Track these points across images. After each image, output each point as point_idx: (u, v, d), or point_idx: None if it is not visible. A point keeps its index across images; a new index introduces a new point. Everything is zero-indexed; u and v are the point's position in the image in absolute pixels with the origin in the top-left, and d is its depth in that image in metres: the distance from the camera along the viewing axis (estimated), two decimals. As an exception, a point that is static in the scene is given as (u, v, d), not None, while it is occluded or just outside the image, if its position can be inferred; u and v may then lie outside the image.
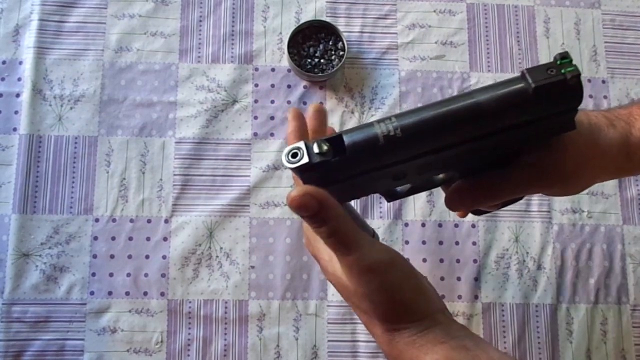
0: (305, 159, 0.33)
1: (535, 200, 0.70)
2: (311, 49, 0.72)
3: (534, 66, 0.34)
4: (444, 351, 0.36)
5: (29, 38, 0.70)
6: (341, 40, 0.71)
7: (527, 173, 0.39)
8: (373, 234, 0.49)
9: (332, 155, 0.33)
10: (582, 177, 0.41)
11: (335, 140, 0.33)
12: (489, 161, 0.38)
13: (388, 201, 0.41)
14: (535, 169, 0.39)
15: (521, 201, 0.69)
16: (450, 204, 0.42)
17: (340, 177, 0.34)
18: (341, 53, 0.71)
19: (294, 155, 0.33)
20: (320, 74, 0.71)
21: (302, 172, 0.33)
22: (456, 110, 0.34)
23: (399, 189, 0.41)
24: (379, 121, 0.34)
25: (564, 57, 0.34)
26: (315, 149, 0.33)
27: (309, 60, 0.72)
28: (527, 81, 0.34)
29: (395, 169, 0.35)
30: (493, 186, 0.40)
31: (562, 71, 0.33)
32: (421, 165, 0.36)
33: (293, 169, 0.33)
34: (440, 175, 0.41)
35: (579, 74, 0.33)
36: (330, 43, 0.72)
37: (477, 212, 0.50)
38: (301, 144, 0.33)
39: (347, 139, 0.33)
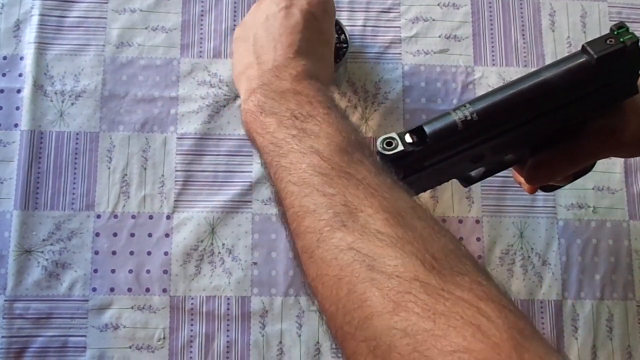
0: (401, 147, 0.37)
1: (540, 196, 0.70)
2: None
3: (592, 39, 0.37)
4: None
5: (30, 33, 0.70)
6: (344, 33, 0.71)
7: (596, 139, 0.42)
8: None
9: (419, 144, 0.37)
10: None
11: (417, 131, 0.37)
12: (559, 133, 0.41)
13: (465, 186, 0.45)
14: (603, 134, 0.41)
15: (526, 196, 0.69)
16: (531, 179, 0.44)
17: (425, 164, 0.38)
18: (344, 47, 0.71)
19: (389, 144, 0.37)
20: None
21: (395, 161, 0.37)
22: (526, 89, 0.37)
23: (473, 173, 0.45)
24: (455, 109, 0.38)
25: (620, 27, 0.37)
26: (408, 139, 0.37)
27: (312, 54, 0.71)
28: (589, 53, 0.37)
29: (473, 152, 0.38)
30: (568, 155, 0.42)
31: (621, 39, 0.36)
32: (497, 145, 0.39)
33: (388, 156, 0.36)
34: (511, 156, 0.44)
35: (638, 40, 0.36)
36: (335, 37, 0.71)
37: (548, 189, 0.53)
38: (394, 135, 0.37)
39: (427, 129, 0.37)
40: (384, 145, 0.37)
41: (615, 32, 0.37)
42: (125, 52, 0.71)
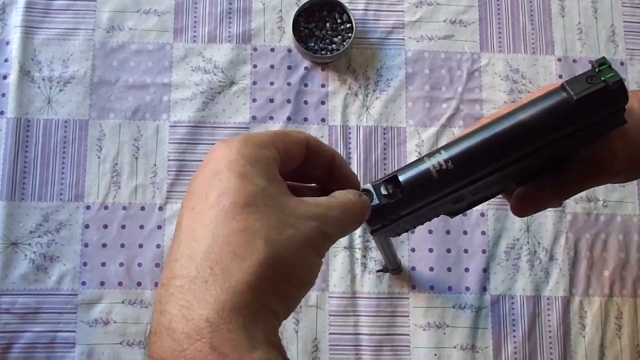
0: (376, 201, 0.35)
1: (548, 188, 0.67)
2: (316, 29, 0.68)
3: (572, 77, 0.35)
4: None
5: (16, 17, 0.67)
6: (348, 16, 0.68)
7: (583, 171, 0.39)
8: (399, 265, 0.59)
9: (395, 196, 0.35)
10: None
11: (392, 180, 0.36)
12: (545, 166, 0.39)
13: (451, 217, 0.43)
14: (590, 166, 0.39)
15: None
16: (517, 211, 0.42)
17: (402, 213, 0.36)
18: (349, 32, 0.68)
19: None
20: (328, 55, 0.67)
21: (371, 214, 0.35)
22: (502, 133, 0.35)
23: (457, 205, 0.43)
24: (428, 155, 0.36)
25: (602, 64, 0.34)
26: (383, 191, 0.35)
27: (315, 40, 0.68)
28: (568, 93, 0.34)
29: (452, 197, 0.37)
30: (555, 188, 0.40)
31: (602, 78, 0.33)
32: (476, 188, 0.37)
33: None
34: (497, 187, 0.42)
35: (621, 79, 0.33)
36: (339, 21, 0.68)
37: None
38: (369, 186, 0.36)
39: (402, 178, 0.35)
40: None
41: (597, 69, 0.34)
42: (116, 36, 0.68)
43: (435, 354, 0.63)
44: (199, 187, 0.30)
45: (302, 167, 0.34)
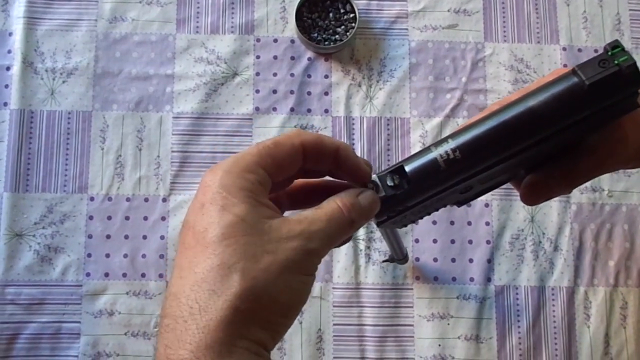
0: (382, 193, 0.35)
1: (553, 178, 0.67)
2: (319, 20, 0.68)
3: (584, 62, 0.33)
4: None
5: (19, 8, 0.67)
6: (351, 6, 0.67)
7: (594, 159, 0.38)
8: (406, 255, 0.58)
9: (402, 187, 0.35)
10: None
11: (398, 171, 0.35)
12: (554, 153, 0.38)
13: (458, 207, 0.42)
14: (602, 151, 0.38)
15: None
16: (527, 200, 0.41)
17: (409, 204, 0.36)
18: (352, 23, 0.67)
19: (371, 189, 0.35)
20: (332, 45, 0.67)
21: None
22: (511, 120, 0.34)
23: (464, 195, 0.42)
24: (435, 145, 0.35)
25: (615, 47, 0.33)
26: (389, 182, 0.35)
27: (318, 30, 0.68)
28: (580, 77, 0.33)
29: (460, 187, 0.36)
30: (565, 175, 0.39)
31: (615, 62, 0.32)
32: (484, 177, 0.36)
33: None
34: (504, 176, 0.42)
35: (634, 62, 0.32)
36: (342, 11, 0.68)
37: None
38: (375, 178, 0.35)
39: (408, 169, 0.35)
40: None
41: (609, 53, 0.33)
42: (119, 27, 0.68)
43: (440, 345, 0.63)
44: (188, 221, 0.31)
45: (306, 165, 0.34)
